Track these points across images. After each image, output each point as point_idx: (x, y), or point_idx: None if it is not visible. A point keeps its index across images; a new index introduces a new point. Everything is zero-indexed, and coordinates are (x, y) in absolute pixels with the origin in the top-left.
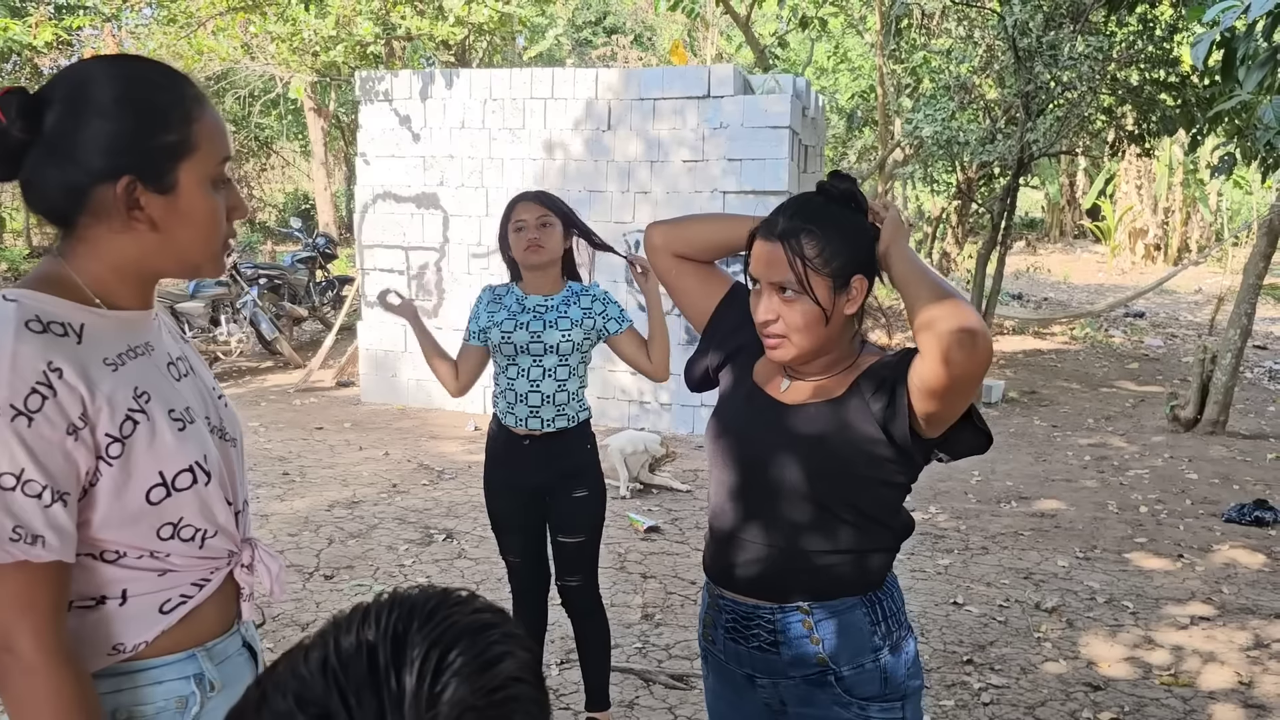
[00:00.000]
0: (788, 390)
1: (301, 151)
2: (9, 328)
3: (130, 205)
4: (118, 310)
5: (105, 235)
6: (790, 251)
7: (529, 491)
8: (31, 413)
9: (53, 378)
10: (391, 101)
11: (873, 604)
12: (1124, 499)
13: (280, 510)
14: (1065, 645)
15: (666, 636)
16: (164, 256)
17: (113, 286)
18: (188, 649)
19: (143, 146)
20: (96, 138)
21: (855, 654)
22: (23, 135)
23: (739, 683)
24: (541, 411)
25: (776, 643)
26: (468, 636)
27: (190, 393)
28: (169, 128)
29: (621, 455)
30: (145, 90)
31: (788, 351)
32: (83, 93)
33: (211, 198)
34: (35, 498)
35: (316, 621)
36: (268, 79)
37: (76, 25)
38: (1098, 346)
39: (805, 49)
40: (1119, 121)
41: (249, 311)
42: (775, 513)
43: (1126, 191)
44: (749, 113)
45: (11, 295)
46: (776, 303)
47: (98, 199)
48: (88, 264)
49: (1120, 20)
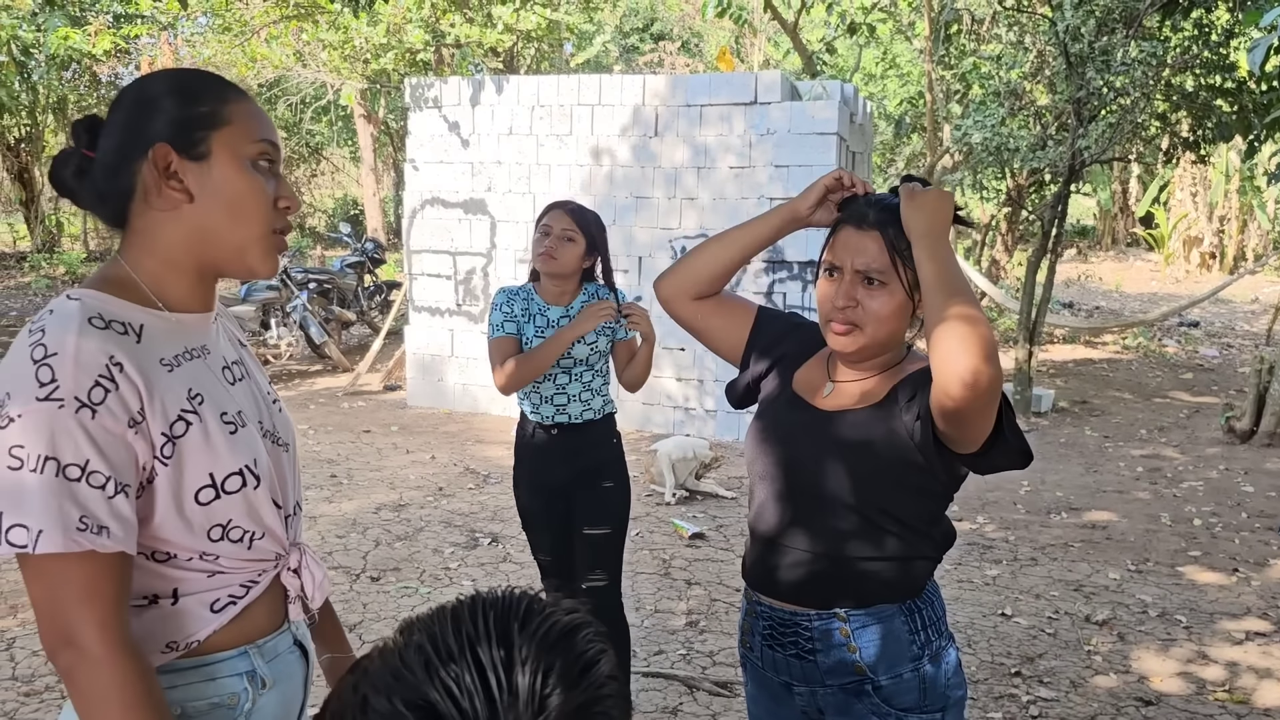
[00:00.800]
0: (829, 396)
1: (351, 158)
2: (73, 323)
3: (166, 174)
4: (177, 313)
5: (153, 219)
6: (887, 241)
7: (557, 486)
8: (95, 404)
9: (114, 371)
10: (440, 108)
11: (912, 613)
12: (1177, 511)
13: (328, 512)
14: (1116, 659)
15: (710, 643)
16: (208, 239)
17: (170, 283)
18: (240, 646)
19: (175, 117)
20: (134, 120)
21: (894, 663)
22: (90, 153)
23: (776, 690)
24: (569, 409)
25: (814, 650)
26: (567, 638)
27: (244, 397)
28: (200, 100)
29: (669, 461)
30: (184, 78)
31: (856, 340)
32: (128, 98)
33: (249, 175)
34: (100, 489)
35: (363, 623)
36: (319, 86)
37: (134, 34)
38: (1151, 356)
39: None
40: (1173, 128)
41: (298, 315)
42: (814, 519)
43: (1181, 199)
44: (796, 119)
45: (75, 294)
46: (858, 290)
47: (140, 179)
48: (144, 259)
49: (1175, 25)
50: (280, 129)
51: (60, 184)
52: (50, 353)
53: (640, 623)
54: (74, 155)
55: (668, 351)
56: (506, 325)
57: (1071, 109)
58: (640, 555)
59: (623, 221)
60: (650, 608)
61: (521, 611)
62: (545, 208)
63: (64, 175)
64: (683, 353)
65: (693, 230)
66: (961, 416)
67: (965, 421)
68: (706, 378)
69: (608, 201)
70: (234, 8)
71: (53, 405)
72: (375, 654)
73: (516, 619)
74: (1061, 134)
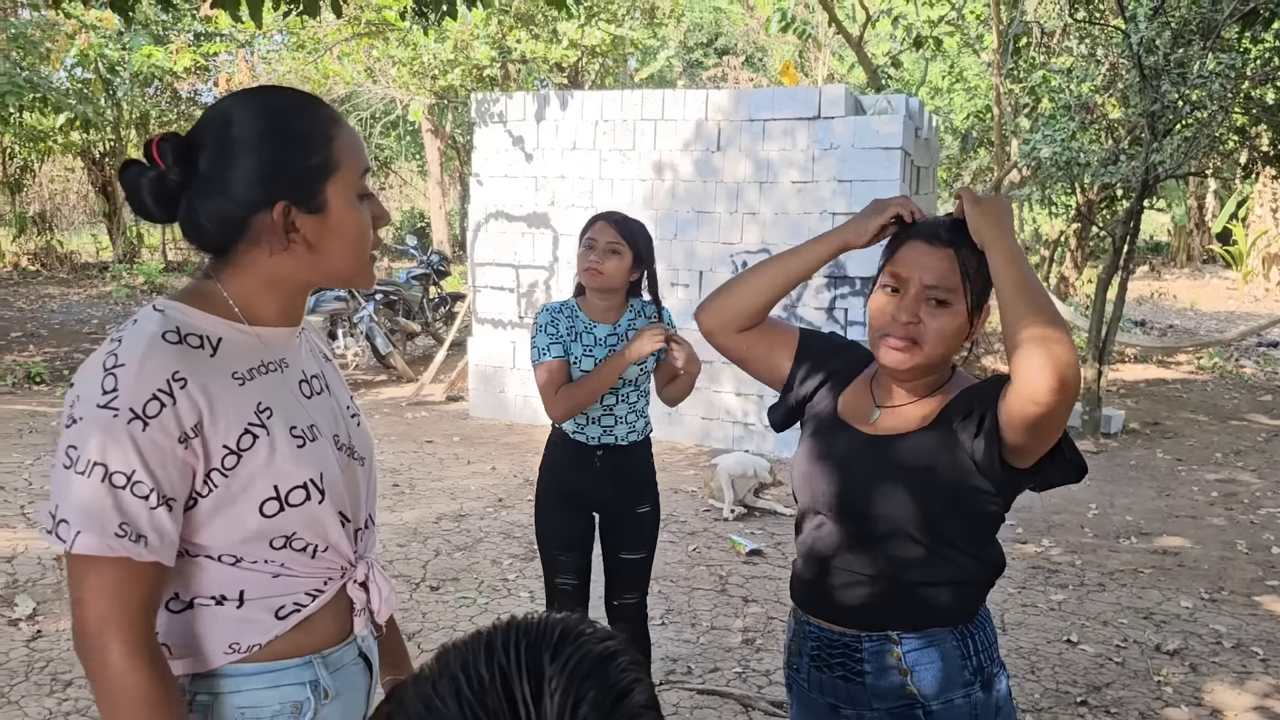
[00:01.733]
0: (878, 420)
1: (419, 171)
2: (144, 338)
3: (288, 229)
4: (260, 326)
5: (262, 258)
6: (960, 260)
7: (592, 508)
8: (149, 418)
9: (175, 387)
10: (506, 123)
11: (964, 637)
12: (1255, 539)
13: (390, 521)
14: (1187, 691)
15: (767, 662)
16: (318, 271)
17: (261, 302)
18: (305, 655)
19: (291, 172)
20: (249, 171)
21: (945, 688)
22: (180, 179)
23: (822, 712)
24: (615, 430)
25: (863, 672)
26: (600, 667)
27: (320, 410)
28: (312, 151)
29: (729, 477)
30: (284, 120)
31: (913, 358)
32: (229, 132)
33: (358, 210)
34: (143, 499)
35: (421, 631)
36: (388, 101)
37: (213, 51)
38: (1227, 377)
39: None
40: (1253, 141)
41: (365, 326)
42: (868, 542)
43: (1261, 215)
44: (860, 133)
45: (160, 305)
46: (923, 308)
47: (255, 227)
48: (239, 281)
49: (1255, 36)
50: None
51: (138, 202)
52: (119, 363)
53: (696, 639)
54: (153, 174)
55: (726, 366)
56: (553, 349)
57: (1145, 123)
58: (697, 571)
59: (684, 236)
60: (706, 624)
61: (555, 640)
62: (592, 217)
63: (141, 193)
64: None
65: (754, 245)
66: (1046, 422)
67: (1046, 428)
68: (766, 393)
69: (669, 216)
70: (308, 26)
71: (108, 414)
72: (410, 682)
73: (549, 648)
74: (1134, 148)
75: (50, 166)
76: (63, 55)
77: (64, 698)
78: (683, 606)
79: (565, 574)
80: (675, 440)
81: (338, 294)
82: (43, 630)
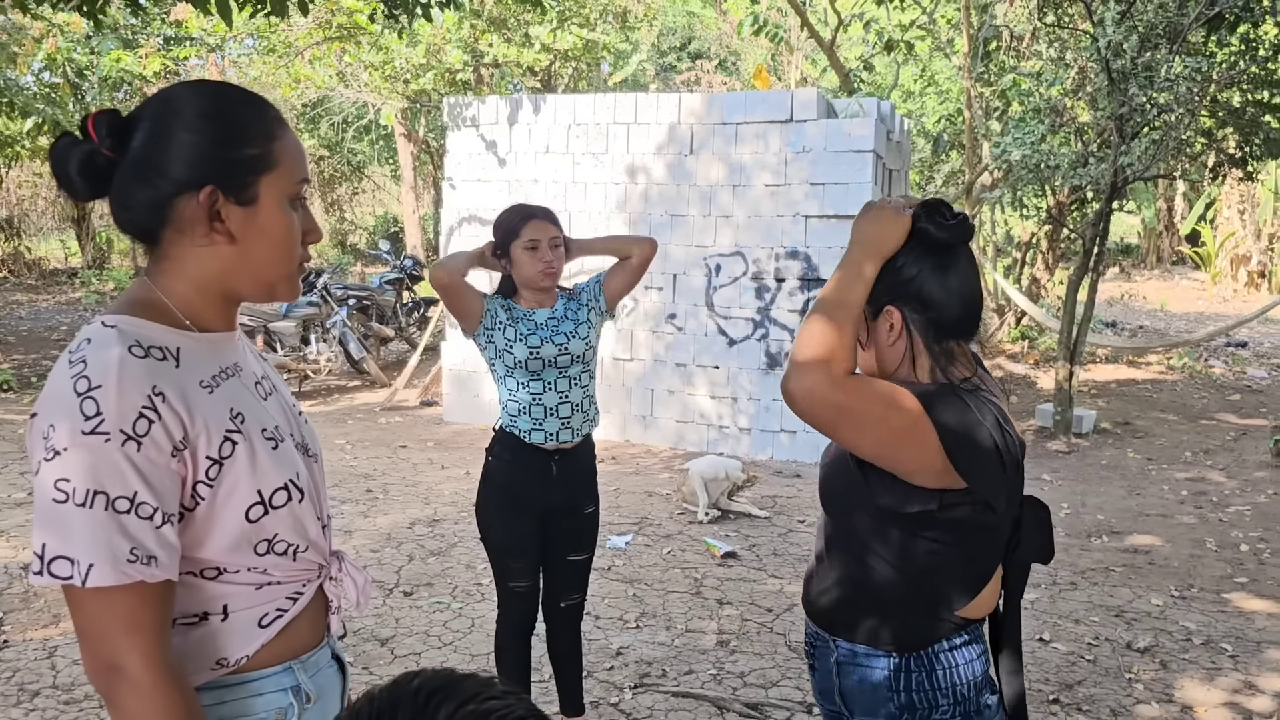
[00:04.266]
0: None
1: (392, 176)
2: (114, 354)
3: (212, 215)
4: (207, 332)
5: (188, 250)
6: None
7: (545, 510)
8: (140, 436)
9: (157, 401)
10: (478, 127)
11: (900, 670)
12: (1223, 536)
13: (364, 527)
14: (1159, 688)
15: (741, 664)
16: (241, 273)
17: (199, 307)
18: (285, 661)
19: (225, 158)
20: (180, 149)
21: (867, 711)
22: (111, 154)
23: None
24: (572, 421)
25: (814, 667)
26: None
27: (277, 411)
28: (250, 141)
29: (702, 481)
30: (227, 106)
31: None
32: (168, 109)
33: (289, 216)
34: (148, 519)
35: (395, 637)
36: (361, 105)
37: (183, 56)
38: (1196, 377)
39: (891, 72)
40: (1220, 144)
41: (338, 331)
42: (839, 547)
43: (1228, 216)
44: (832, 136)
45: (110, 320)
46: None
47: (180, 210)
48: (174, 284)
49: (1221, 40)
50: (323, 147)
51: (64, 177)
52: (95, 385)
53: (671, 642)
54: (84, 149)
55: (701, 369)
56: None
57: (1114, 125)
58: (672, 574)
59: (658, 239)
60: (681, 627)
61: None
62: (518, 217)
63: (67, 167)
64: (717, 370)
65: (727, 248)
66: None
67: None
68: (740, 395)
69: (643, 219)
70: (278, 30)
71: (99, 439)
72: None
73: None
74: (1103, 151)
75: (18, 172)
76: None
77: (31, 708)
78: (657, 609)
79: (519, 578)
80: (650, 443)
81: (310, 299)
82: (9, 640)
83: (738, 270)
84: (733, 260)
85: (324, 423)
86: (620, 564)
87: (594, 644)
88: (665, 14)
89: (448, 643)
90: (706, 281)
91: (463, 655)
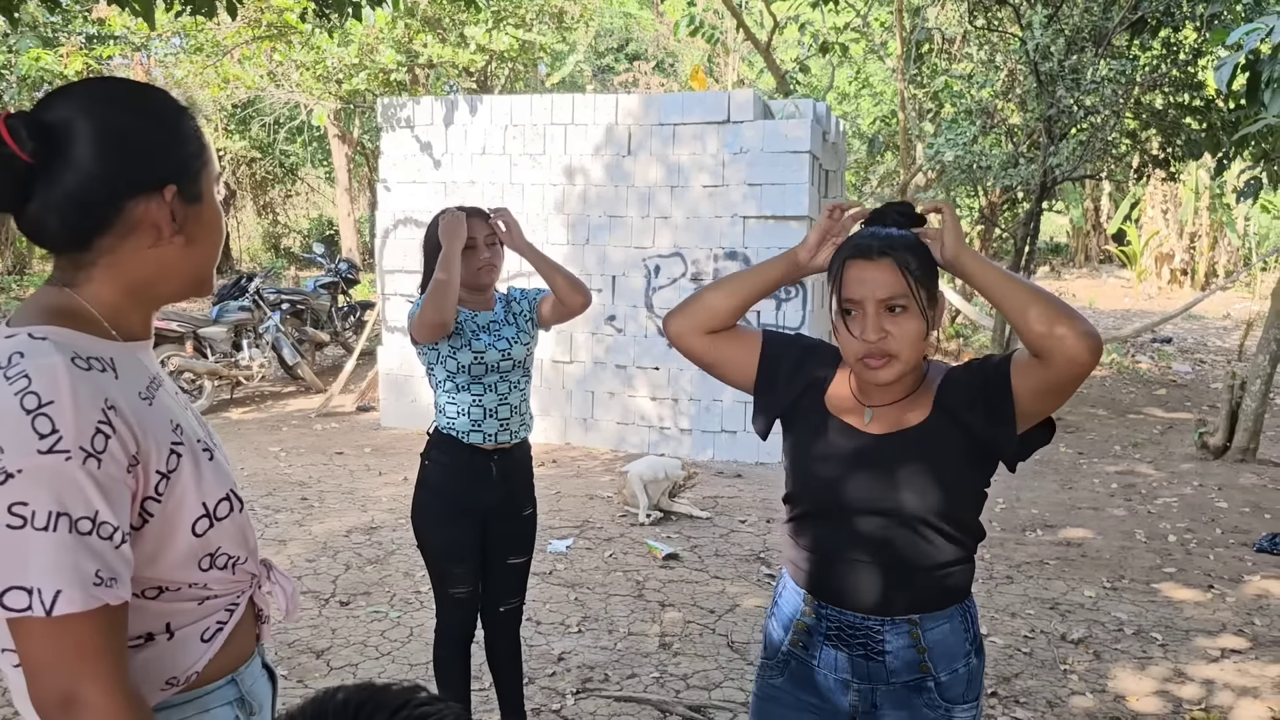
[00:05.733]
0: (871, 422)
1: (325, 178)
2: (58, 368)
3: (175, 216)
4: (131, 341)
5: (129, 254)
6: (901, 266)
7: (483, 512)
8: (99, 453)
9: (110, 415)
10: (413, 128)
11: (965, 611)
12: (1152, 528)
13: (299, 536)
14: (1093, 678)
15: (684, 666)
16: (178, 273)
17: (125, 314)
18: (228, 675)
19: (179, 155)
20: (134, 150)
21: (951, 660)
22: (35, 160)
23: (831, 687)
24: (510, 424)
25: (883, 652)
26: None
27: (195, 420)
28: (191, 137)
29: (641, 482)
30: (162, 103)
31: (894, 370)
32: (105, 109)
33: (218, 207)
34: (109, 539)
35: (331, 648)
36: (293, 106)
37: (107, 55)
38: (1125, 373)
39: (826, 74)
40: (1143, 146)
41: (271, 336)
42: (883, 537)
43: (1152, 216)
44: (769, 138)
45: (39, 333)
46: (885, 320)
47: (132, 213)
48: (102, 290)
49: (1144, 44)
50: (254, 149)
51: None
52: (46, 401)
53: (614, 646)
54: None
55: (641, 371)
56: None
57: (1043, 127)
58: (614, 577)
59: (596, 240)
60: (624, 630)
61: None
62: (454, 219)
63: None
64: (657, 372)
65: (666, 249)
66: (1070, 386)
67: (1067, 392)
68: (681, 397)
69: (581, 220)
70: (206, 29)
71: (58, 458)
72: None
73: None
74: (1033, 152)
75: None
76: None
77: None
78: (599, 613)
79: (459, 584)
80: (591, 446)
81: (242, 303)
82: None
83: (677, 271)
84: (672, 261)
85: (257, 430)
86: (561, 568)
87: (535, 650)
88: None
89: (385, 653)
90: (646, 283)
91: (401, 665)
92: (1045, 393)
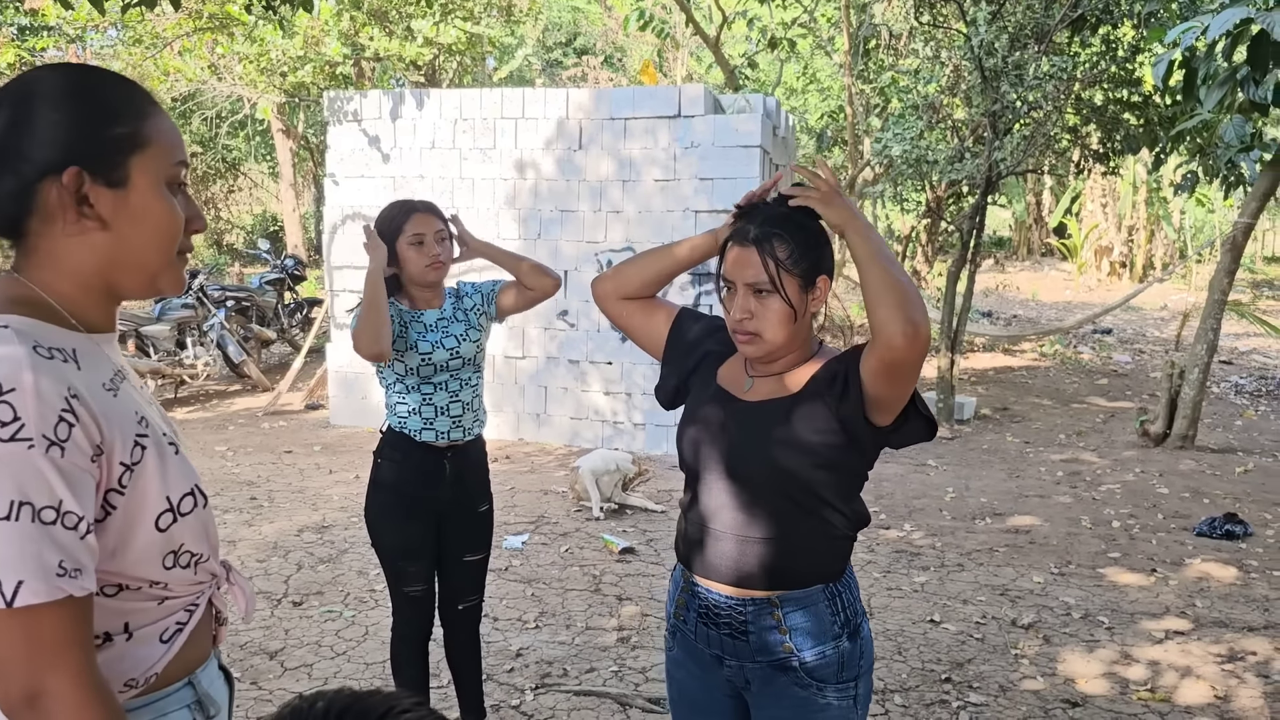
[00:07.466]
0: (751, 389)
1: (270, 173)
2: (20, 356)
3: (78, 199)
4: (94, 333)
5: (58, 240)
6: (764, 254)
7: (438, 510)
8: (63, 442)
9: (74, 403)
10: (360, 122)
11: (833, 596)
12: (1097, 514)
13: (248, 536)
14: (1043, 662)
15: (643, 659)
16: (120, 264)
17: (84, 305)
18: (185, 677)
19: (92, 136)
20: (43, 130)
21: (817, 642)
22: None
23: (707, 661)
24: (463, 421)
25: (746, 631)
26: None
27: (159, 415)
28: (119, 119)
29: (593, 476)
30: (93, 83)
31: (760, 347)
32: (27, 90)
33: (167, 200)
34: (73, 529)
35: (285, 649)
36: (235, 100)
37: (40, 46)
38: (1067, 363)
39: (774, 70)
40: (1084, 141)
41: (216, 334)
42: (744, 506)
43: (1092, 210)
44: (720, 132)
45: (0, 321)
46: (751, 302)
47: (45, 196)
48: (51, 280)
49: (1084, 41)
50: (196, 144)
51: None
52: (6, 389)
53: (571, 640)
54: None
55: (594, 366)
56: None
57: (987, 122)
58: (570, 572)
59: (548, 235)
60: (581, 625)
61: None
62: (401, 212)
63: None
64: (610, 366)
65: (618, 243)
66: (900, 371)
67: (901, 377)
68: (634, 391)
69: (533, 215)
70: (145, 20)
71: (20, 446)
72: None
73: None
74: (978, 147)
75: None
76: None
77: None
78: (556, 608)
79: (414, 583)
80: (544, 441)
81: (185, 301)
82: None
83: None
84: (624, 255)
85: (203, 429)
86: (518, 564)
87: (493, 646)
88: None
89: (340, 652)
90: None
91: (357, 665)
92: (878, 374)
